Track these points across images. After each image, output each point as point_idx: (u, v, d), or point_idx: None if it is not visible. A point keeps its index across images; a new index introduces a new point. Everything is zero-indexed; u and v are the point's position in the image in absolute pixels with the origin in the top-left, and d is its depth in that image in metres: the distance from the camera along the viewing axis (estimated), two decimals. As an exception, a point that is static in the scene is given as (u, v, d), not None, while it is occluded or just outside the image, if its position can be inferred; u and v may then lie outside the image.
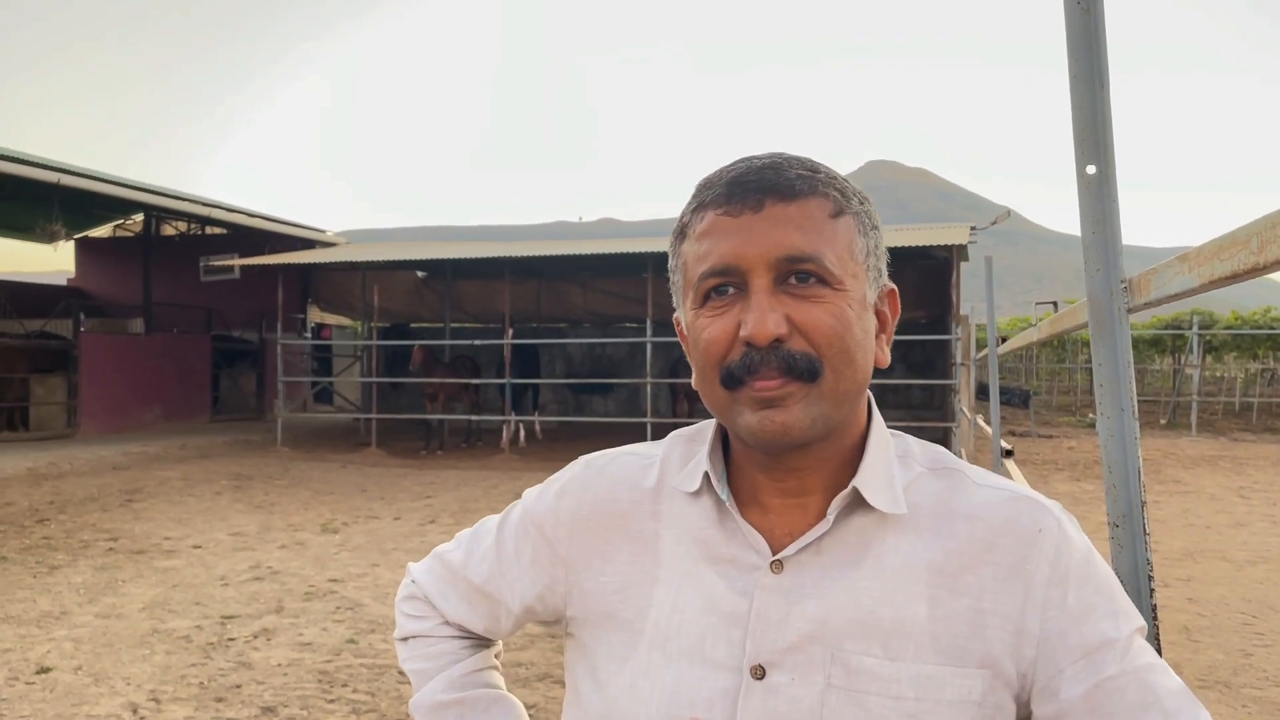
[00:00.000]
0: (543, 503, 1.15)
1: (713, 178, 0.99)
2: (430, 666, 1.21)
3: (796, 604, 0.95)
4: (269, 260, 18.52)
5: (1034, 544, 0.94)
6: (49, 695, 4.93)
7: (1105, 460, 1.32)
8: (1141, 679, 0.89)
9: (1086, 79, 1.30)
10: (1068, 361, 29.39)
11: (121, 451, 15.71)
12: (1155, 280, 1.20)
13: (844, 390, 0.94)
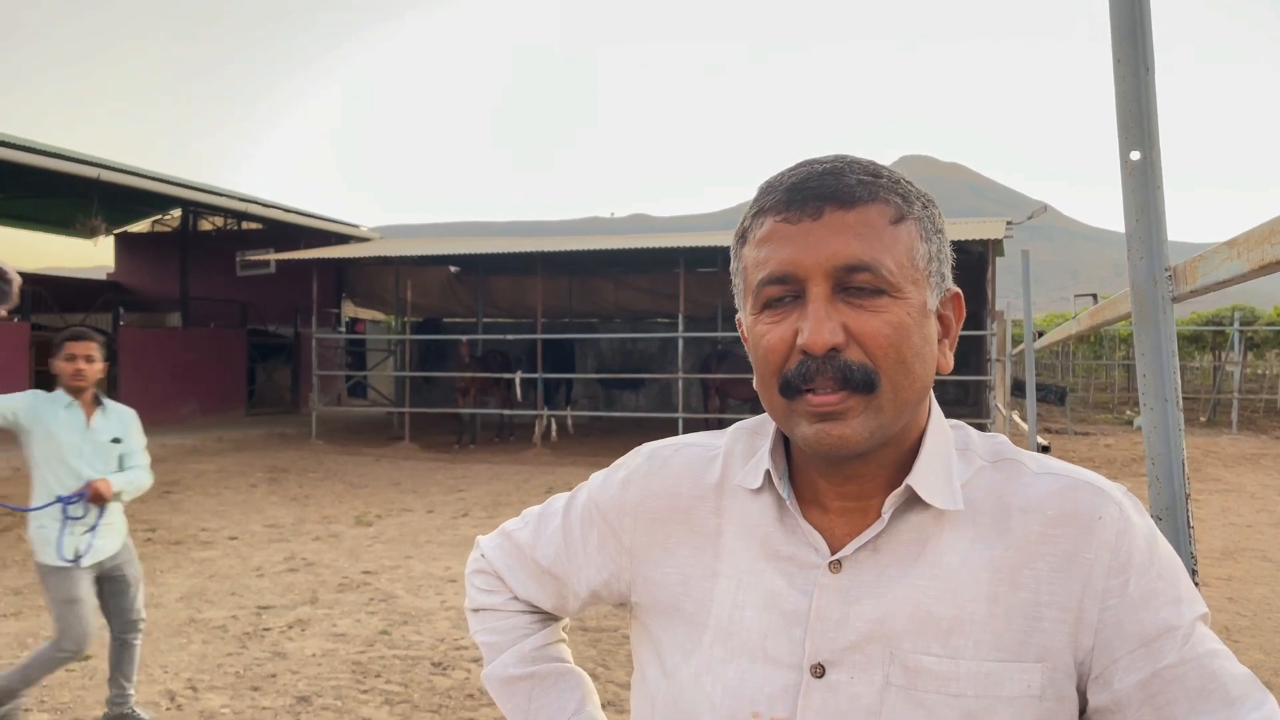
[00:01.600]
0: (608, 490, 1.16)
1: (774, 181, 0.98)
2: (501, 640, 1.26)
3: (855, 604, 0.95)
4: (304, 255, 18.69)
5: (1093, 532, 0.92)
6: (89, 683, 5.00)
7: (1149, 453, 1.29)
8: (1203, 666, 0.88)
9: (1130, 64, 1.28)
10: (1105, 358, 29.02)
11: (159, 444, 15.92)
12: (1202, 267, 1.18)
13: (902, 400, 0.93)
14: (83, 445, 4.21)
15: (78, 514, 4.16)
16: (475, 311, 21.80)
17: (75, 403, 4.22)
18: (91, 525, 4.22)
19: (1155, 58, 1.29)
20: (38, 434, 4.16)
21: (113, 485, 4.22)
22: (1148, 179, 1.26)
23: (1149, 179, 1.26)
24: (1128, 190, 1.28)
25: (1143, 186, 1.26)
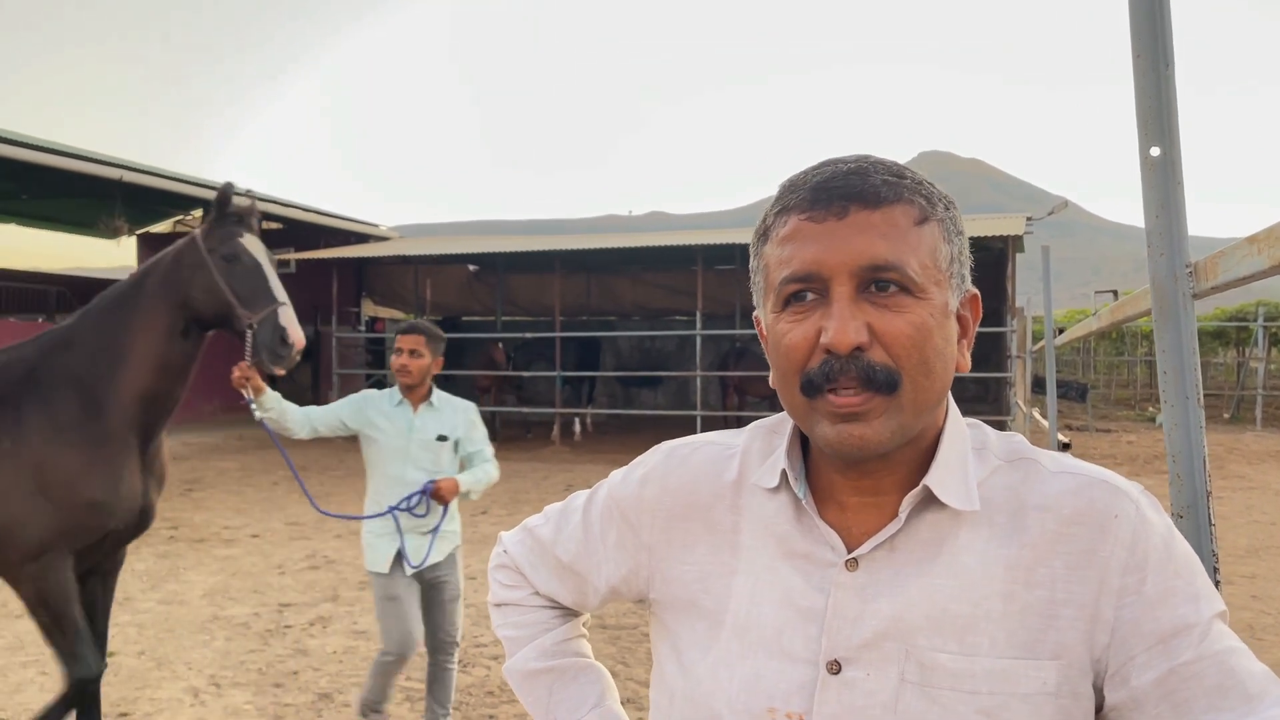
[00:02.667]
0: (627, 488, 1.17)
1: (797, 180, 0.98)
2: (522, 634, 1.28)
3: (871, 602, 0.96)
4: (324, 254, 18.79)
5: (1108, 531, 0.92)
6: (113, 679, 5.05)
7: (1169, 450, 1.29)
8: (1221, 663, 0.87)
9: (1150, 60, 1.27)
10: (1126, 354, 28.81)
11: (181, 442, 16.06)
12: (1222, 263, 1.17)
13: (923, 401, 0.94)
14: (408, 445, 3.97)
15: (421, 512, 3.94)
16: (494, 310, 21.86)
17: (405, 400, 4.03)
18: (433, 527, 3.98)
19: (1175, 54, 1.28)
20: (365, 437, 4.03)
21: (460, 484, 3.96)
22: (1168, 175, 1.25)
23: (1169, 175, 1.25)
24: (1148, 187, 1.27)
25: (1163, 183, 1.26)
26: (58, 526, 3.37)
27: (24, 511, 3.35)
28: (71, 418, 3.47)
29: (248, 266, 3.66)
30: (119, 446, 3.49)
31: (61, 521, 3.38)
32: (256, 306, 3.61)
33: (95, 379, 3.53)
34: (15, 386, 3.54)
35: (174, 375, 3.62)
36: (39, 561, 3.37)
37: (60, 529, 3.38)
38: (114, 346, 3.55)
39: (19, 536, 3.35)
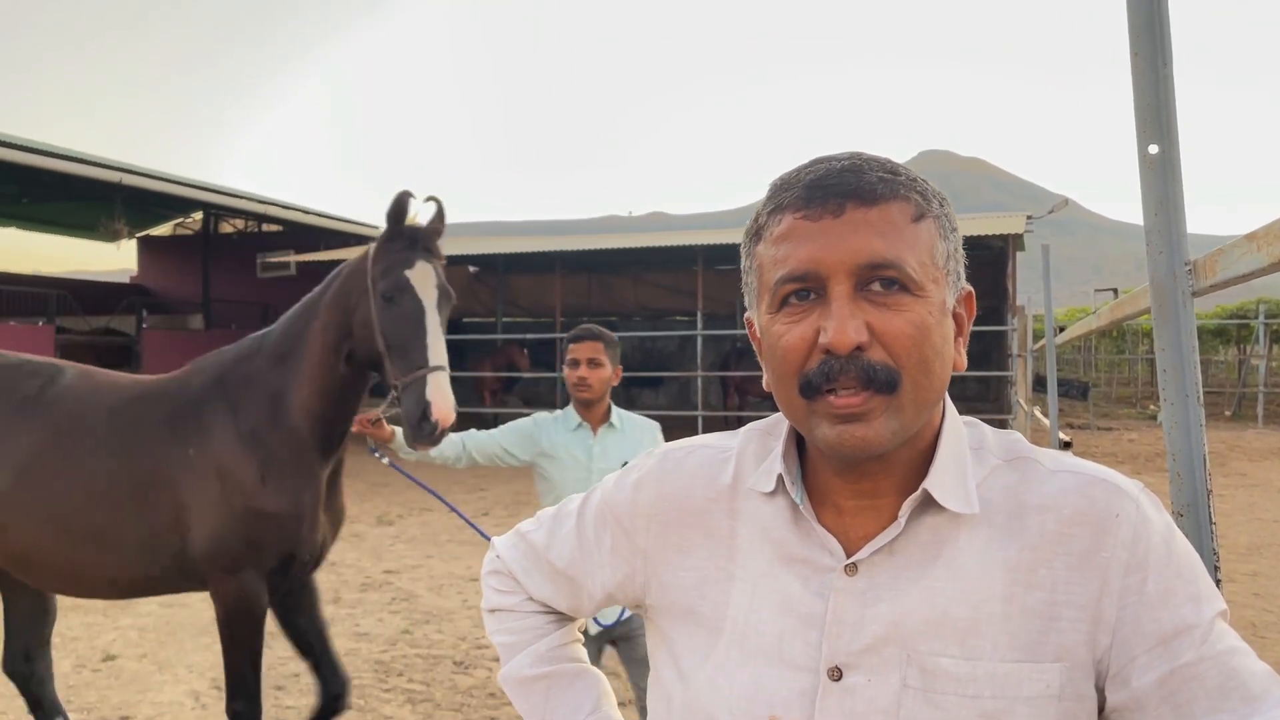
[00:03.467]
0: (621, 493, 1.16)
1: (790, 178, 0.97)
2: (517, 640, 1.26)
3: (871, 606, 0.95)
4: (325, 256, 18.79)
5: (1109, 530, 0.92)
6: (114, 682, 5.06)
7: (1169, 448, 1.28)
8: (1223, 663, 0.87)
9: (1148, 57, 1.27)
10: (1128, 352, 28.77)
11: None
12: (1221, 261, 1.17)
13: (922, 400, 0.92)
14: (589, 477, 3.31)
15: None
16: (495, 311, 21.86)
17: (583, 423, 3.41)
18: None
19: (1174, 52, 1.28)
20: (538, 470, 3.44)
21: None
22: (1167, 173, 1.25)
23: (1168, 173, 1.25)
24: (1146, 185, 1.27)
25: (1162, 181, 1.25)
26: (241, 538, 3.20)
27: (210, 521, 3.20)
28: (252, 427, 3.26)
29: (406, 312, 3.16)
30: (296, 463, 3.28)
31: (244, 533, 3.19)
32: (406, 366, 3.14)
33: (276, 390, 3.32)
34: (205, 392, 3.39)
35: (334, 401, 3.28)
36: (233, 578, 3.23)
37: (244, 541, 3.20)
38: (290, 358, 3.33)
39: (205, 547, 3.21)
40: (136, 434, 3.34)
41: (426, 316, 3.16)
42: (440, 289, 3.25)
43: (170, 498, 3.24)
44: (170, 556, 3.28)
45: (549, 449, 3.39)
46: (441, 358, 3.14)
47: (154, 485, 3.25)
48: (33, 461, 3.34)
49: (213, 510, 3.21)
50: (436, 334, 3.16)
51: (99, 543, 3.27)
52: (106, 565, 3.33)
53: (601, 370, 3.35)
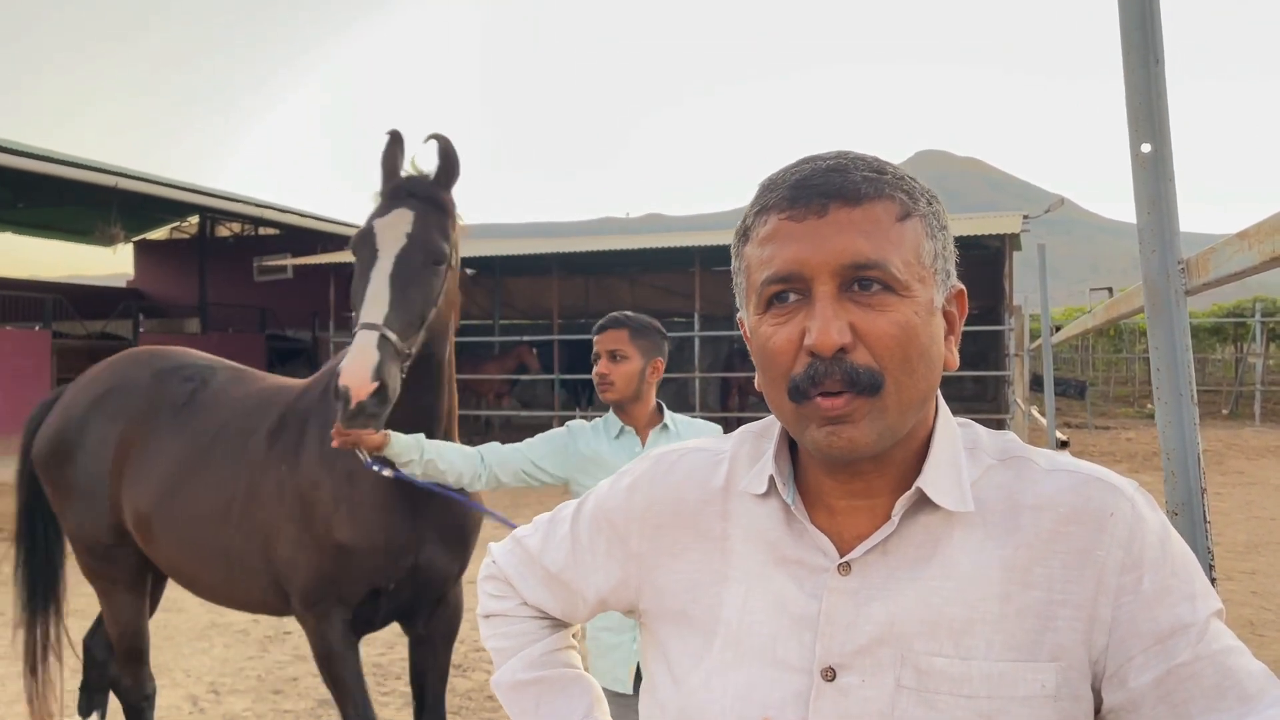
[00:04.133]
0: (614, 497, 1.15)
1: (776, 178, 0.97)
2: (510, 645, 1.25)
3: (864, 606, 0.94)
4: (321, 260, 18.77)
5: (1105, 529, 0.91)
6: (113, 687, 5.04)
7: (1163, 447, 1.28)
8: (1219, 662, 0.87)
9: (1140, 55, 1.27)
10: (1125, 351, 28.80)
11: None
12: (1214, 259, 1.17)
13: (908, 400, 0.92)
14: None
15: None
16: (491, 313, 21.87)
17: (626, 429, 2.83)
18: None
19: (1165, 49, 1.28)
20: (576, 489, 2.81)
21: None
22: (1159, 172, 1.25)
23: (1160, 172, 1.25)
24: (1139, 183, 1.27)
25: (1154, 179, 1.25)
26: (315, 571, 2.92)
27: (289, 549, 2.97)
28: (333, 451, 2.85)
29: (362, 267, 2.72)
30: (375, 484, 2.87)
31: (317, 566, 2.92)
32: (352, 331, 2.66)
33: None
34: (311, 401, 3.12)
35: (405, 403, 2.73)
36: (313, 611, 2.96)
37: (318, 574, 2.92)
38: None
39: (288, 578, 2.99)
40: (245, 446, 3.17)
41: (375, 267, 2.66)
42: (414, 238, 2.70)
43: (265, 518, 3.02)
44: (269, 581, 3.08)
45: (589, 463, 2.78)
46: (374, 313, 2.57)
47: (252, 502, 3.06)
48: (175, 471, 3.24)
49: (291, 538, 2.97)
50: (380, 285, 2.61)
51: (220, 560, 3.15)
52: (231, 584, 3.19)
53: (626, 364, 2.77)
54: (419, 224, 2.72)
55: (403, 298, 2.62)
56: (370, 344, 2.51)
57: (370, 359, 2.48)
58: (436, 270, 2.72)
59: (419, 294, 2.67)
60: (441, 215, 2.79)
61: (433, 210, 2.78)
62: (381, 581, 2.95)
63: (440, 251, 2.73)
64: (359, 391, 2.46)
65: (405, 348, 2.62)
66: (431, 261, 2.70)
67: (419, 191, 2.79)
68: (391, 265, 2.64)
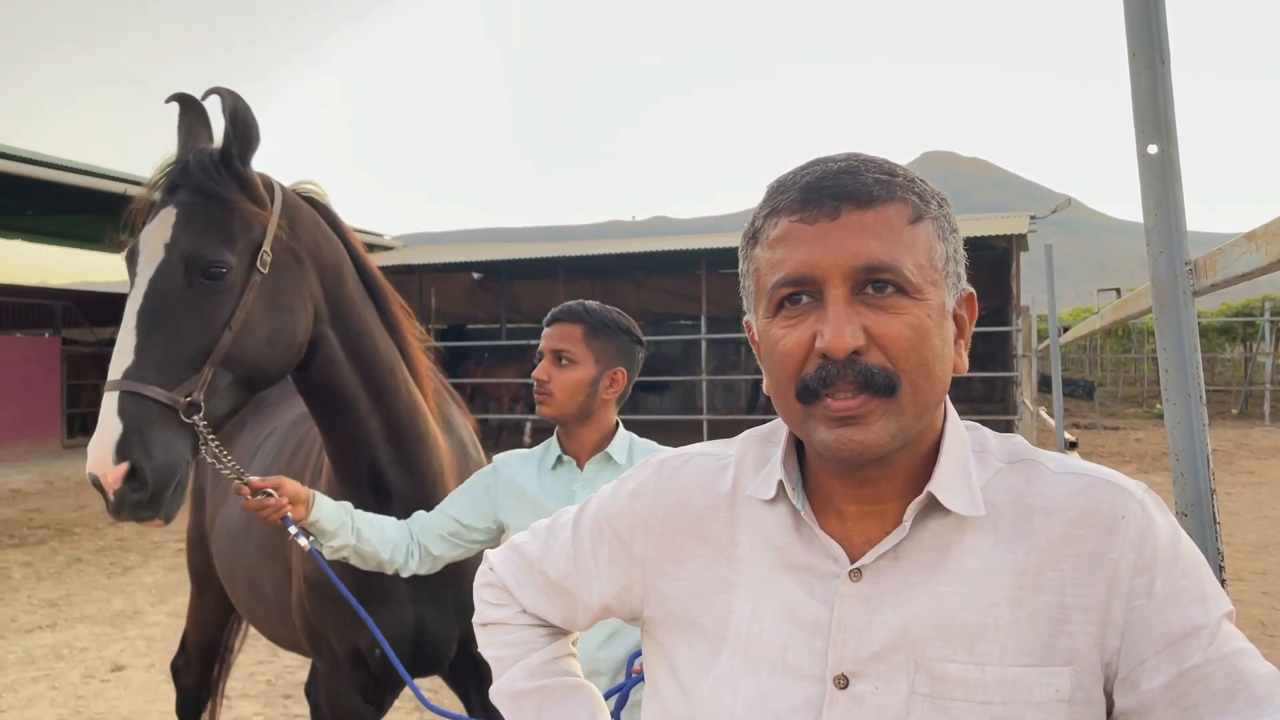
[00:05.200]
0: (617, 503, 1.14)
1: (786, 180, 0.96)
2: (509, 654, 1.23)
3: (877, 612, 0.93)
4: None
5: (1116, 532, 0.91)
6: (124, 692, 5.06)
7: (1172, 448, 1.28)
8: (1229, 665, 0.86)
9: (1146, 57, 1.27)
10: (1133, 351, 28.69)
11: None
12: (1221, 260, 1.17)
13: (922, 403, 0.92)
14: None
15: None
16: (499, 317, 21.89)
17: (565, 458, 2.20)
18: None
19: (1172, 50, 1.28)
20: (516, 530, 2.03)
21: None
22: (1166, 173, 1.25)
23: (1167, 173, 1.25)
24: (1146, 185, 1.27)
25: (1161, 180, 1.25)
26: (301, 617, 2.58)
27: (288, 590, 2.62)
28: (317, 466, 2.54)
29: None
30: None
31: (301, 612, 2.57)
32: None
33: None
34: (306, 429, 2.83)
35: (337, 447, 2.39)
36: (320, 660, 2.63)
37: (303, 621, 2.58)
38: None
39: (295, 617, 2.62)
40: (280, 458, 2.91)
41: (128, 301, 2.03)
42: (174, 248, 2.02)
43: (284, 552, 2.65)
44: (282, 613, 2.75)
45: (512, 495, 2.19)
46: (116, 365, 1.94)
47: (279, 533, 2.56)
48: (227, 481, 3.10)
49: (288, 576, 2.62)
50: (126, 324, 1.98)
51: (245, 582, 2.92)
52: (260, 612, 2.92)
53: (573, 370, 2.13)
54: (180, 228, 2.03)
55: (160, 334, 1.97)
56: (108, 412, 1.88)
57: (110, 434, 1.85)
58: (213, 286, 2.01)
59: (189, 323, 1.99)
60: (220, 204, 2.06)
61: (205, 201, 2.06)
62: (362, 642, 2.45)
63: (211, 258, 2.01)
64: (107, 480, 1.85)
65: (179, 396, 1.93)
66: (201, 275, 2.00)
67: (191, 178, 2.07)
68: (141, 294, 2.00)
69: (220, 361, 2.02)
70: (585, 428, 2.17)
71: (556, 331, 2.16)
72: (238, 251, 2.06)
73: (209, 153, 2.11)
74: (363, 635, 2.38)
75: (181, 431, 1.96)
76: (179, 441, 1.95)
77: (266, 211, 2.14)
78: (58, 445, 17.16)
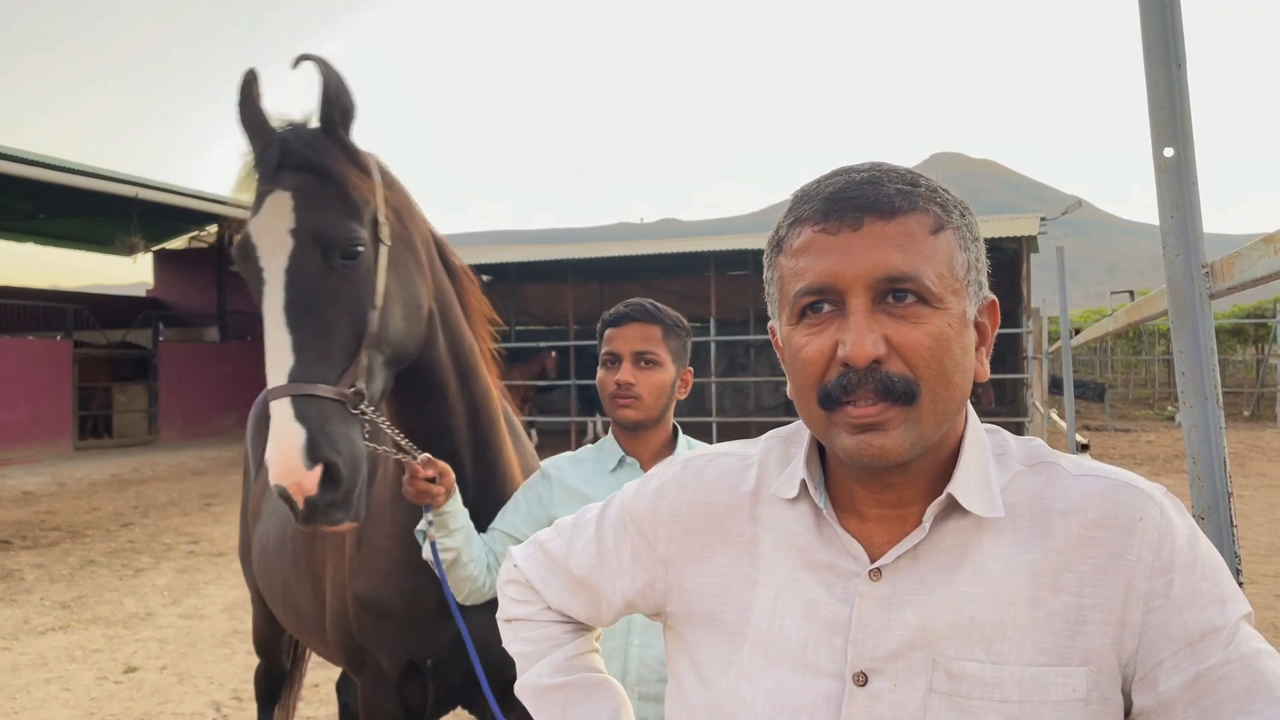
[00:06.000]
0: (641, 500, 1.16)
1: (810, 190, 0.98)
2: (534, 650, 1.26)
3: (896, 612, 0.95)
4: (338, 268, 18.85)
5: (1134, 534, 0.92)
6: (136, 694, 5.08)
7: (1189, 451, 1.28)
8: (1249, 665, 0.87)
9: (1162, 59, 1.27)
10: (1144, 353, 28.61)
11: (199, 457, 16.14)
12: (1238, 264, 1.17)
13: (942, 411, 0.93)
14: None
15: None
16: (508, 319, 21.94)
17: (628, 459, 2.14)
18: None
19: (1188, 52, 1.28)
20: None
21: None
22: (1182, 176, 1.25)
23: (1183, 176, 1.25)
24: (1162, 187, 1.27)
25: (1177, 183, 1.25)
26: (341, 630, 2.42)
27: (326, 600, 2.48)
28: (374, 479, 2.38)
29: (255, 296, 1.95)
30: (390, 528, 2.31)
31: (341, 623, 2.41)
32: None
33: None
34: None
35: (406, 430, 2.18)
36: (361, 677, 2.46)
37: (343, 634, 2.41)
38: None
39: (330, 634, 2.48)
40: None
41: (264, 299, 1.89)
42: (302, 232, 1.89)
43: (319, 555, 2.55)
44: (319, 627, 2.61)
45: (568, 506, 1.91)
46: (278, 371, 1.82)
47: (311, 538, 2.57)
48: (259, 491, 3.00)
49: (330, 582, 2.47)
50: (275, 324, 1.85)
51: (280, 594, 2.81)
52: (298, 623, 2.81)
53: (658, 373, 2.06)
54: (303, 209, 1.90)
55: (312, 326, 1.86)
56: (285, 419, 1.78)
57: (294, 440, 1.75)
58: (352, 266, 1.92)
59: (338, 309, 1.89)
60: (336, 179, 1.95)
61: (319, 178, 1.94)
62: (418, 653, 2.35)
63: (348, 237, 1.91)
64: (299, 488, 1.75)
65: (344, 389, 1.85)
66: (340, 256, 1.90)
67: (295, 156, 1.93)
68: (281, 287, 1.87)
69: (373, 344, 1.94)
70: (655, 431, 2.12)
71: (636, 332, 2.07)
72: (365, 225, 1.97)
73: (306, 128, 1.99)
74: (417, 649, 2.32)
75: (354, 425, 1.87)
76: (356, 435, 1.87)
77: (372, 180, 2.04)
78: (69, 447, 17.23)
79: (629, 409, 2.05)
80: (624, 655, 1.97)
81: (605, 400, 2.08)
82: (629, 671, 1.95)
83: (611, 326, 2.09)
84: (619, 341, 2.07)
